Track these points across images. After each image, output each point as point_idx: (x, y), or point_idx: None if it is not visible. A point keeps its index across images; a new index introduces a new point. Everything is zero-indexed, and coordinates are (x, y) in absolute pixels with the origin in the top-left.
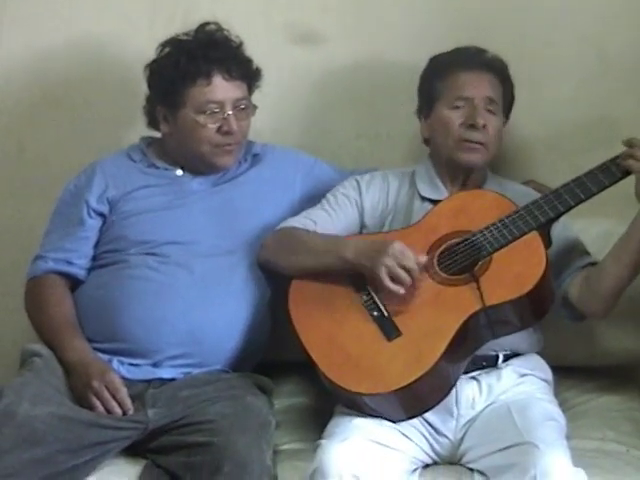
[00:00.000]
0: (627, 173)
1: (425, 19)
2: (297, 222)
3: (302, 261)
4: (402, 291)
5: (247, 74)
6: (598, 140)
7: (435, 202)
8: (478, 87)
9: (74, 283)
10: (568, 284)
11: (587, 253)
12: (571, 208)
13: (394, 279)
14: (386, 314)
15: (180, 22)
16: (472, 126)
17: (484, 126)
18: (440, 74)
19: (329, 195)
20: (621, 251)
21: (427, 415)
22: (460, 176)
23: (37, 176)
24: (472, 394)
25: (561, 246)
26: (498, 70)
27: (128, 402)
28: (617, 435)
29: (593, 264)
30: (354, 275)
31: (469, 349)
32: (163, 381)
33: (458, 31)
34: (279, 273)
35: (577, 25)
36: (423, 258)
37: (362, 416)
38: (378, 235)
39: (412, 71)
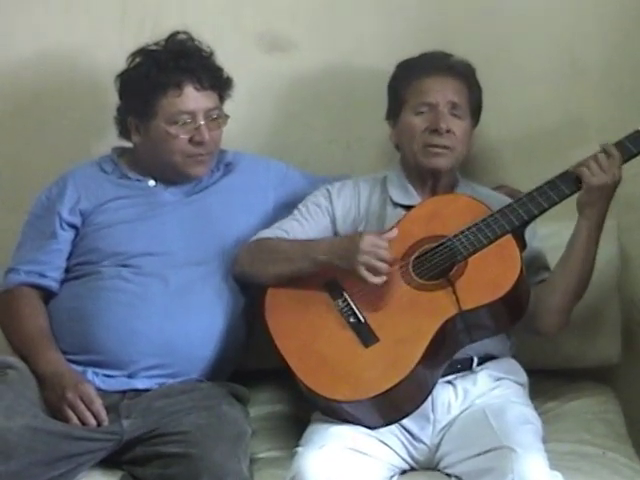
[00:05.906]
0: None
1: (395, 26)
2: (270, 234)
3: (278, 269)
4: (383, 279)
5: (218, 84)
6: (568, 144)
7: (407, 207)
8: (441, 92)
9: (47, 295)
10: None
11: (545, 268)
12: (545, 211)
13: (373, 272)
14: (363, 320)
15: (150, 31)
16: (435, 131)
17: (448, 130)
18: (405, 80)
19: (300, 205)
20: (566, 265)
21: (404, 421)
22: (429, 181)
23: (7, 187)
24: (448, 398)
25: (525, 257)
26: (463, 74)
27: (103, 413)
28: (593, 437)
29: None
30: (330, 281)
31: (447, 354)
32: (138, 392)
33: (428, 37)
34: (256, 284)
35: (547, 29)
36: (393, 233)
37: (339, 423)
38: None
39: (382, 77)
